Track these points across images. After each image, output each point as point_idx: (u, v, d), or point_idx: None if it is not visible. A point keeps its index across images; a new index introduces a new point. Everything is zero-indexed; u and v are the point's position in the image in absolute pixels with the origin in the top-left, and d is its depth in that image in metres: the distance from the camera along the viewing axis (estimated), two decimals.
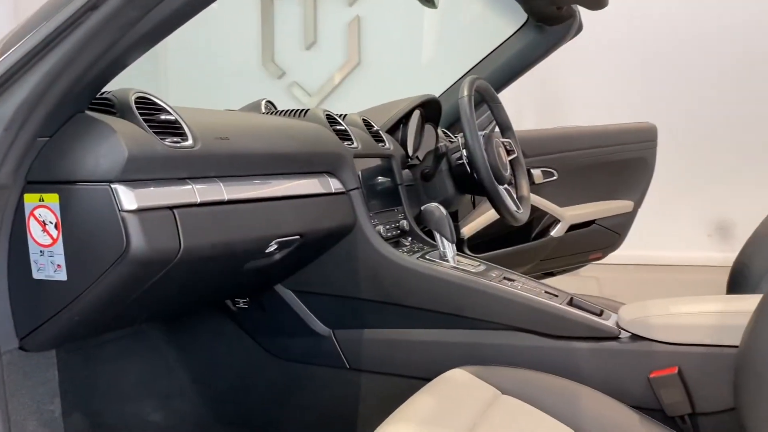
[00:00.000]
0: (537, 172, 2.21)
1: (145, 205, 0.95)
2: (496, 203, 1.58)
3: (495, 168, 1.58)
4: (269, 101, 1.67)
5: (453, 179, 1.69)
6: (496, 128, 1.78)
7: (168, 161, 1.01)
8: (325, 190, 1.35)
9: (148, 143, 0.98)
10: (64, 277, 0.97)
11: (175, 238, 0.99)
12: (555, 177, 2.25)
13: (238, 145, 1.16)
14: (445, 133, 2.10)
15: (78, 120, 0.97)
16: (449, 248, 1.42)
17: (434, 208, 1.45)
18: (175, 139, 1.03)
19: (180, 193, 1.02)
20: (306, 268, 1.41)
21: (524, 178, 1.77)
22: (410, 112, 1.83)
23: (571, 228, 2.27)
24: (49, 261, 0.97)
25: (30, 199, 0.97)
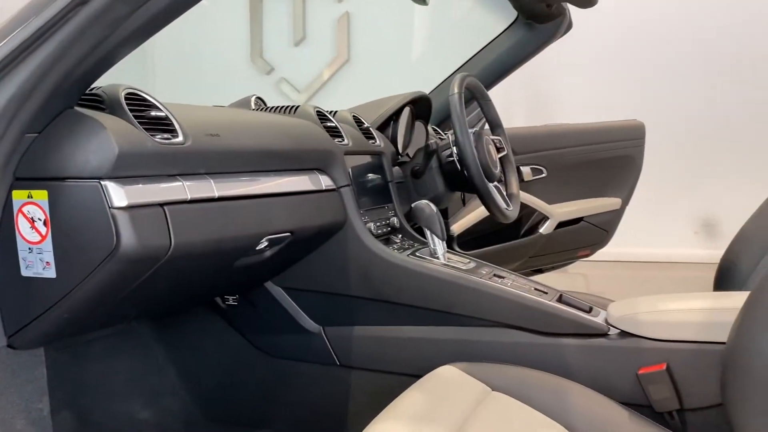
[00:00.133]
0: (526, 169, 2.22)
1: (135, 202, 0.95)
2: (486, 201, 1.59)
3: (485, 165, 1.58)
4: (259, 98, 1.66)
5: (443, 176, 1.69)
6: (486, 125, 1.79)
7: (158, 158, 1.00)
8: (316, 188, 1.35)
9: (139, 140, 0.98)
10: (53, 275, 0.96)
11: (166, 236, 0.98)
12: (544, 174, 2.26)
13: (228, 142, 1.16)
14: (435, 130, 2.10)
15: (67, 116, 0.96)
16: (440, 245, 1.42)
17: (425, 205, 1.45)
18: (166, 136, 1.03)
19: (170, 190, 1.01)
20: (296, 265, 1.41)
21: (514, 176, 1.77)
22: (400, 109, 1.83)
23: (560, 225, 2.28)
24: (37, 258, 0.96)
25: (18, 196, 0.96)
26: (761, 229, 1.54)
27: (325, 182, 1.37)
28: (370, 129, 1.67)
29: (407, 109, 1.86)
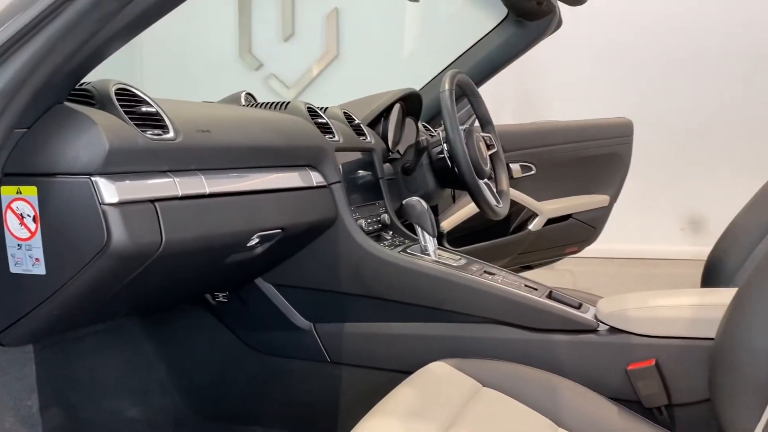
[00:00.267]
0: (516, 166, 2.23)
1: (126, 198, 0.94)
2: (477, 198, 1.59)
3: (476, 162, 1.58)
4: (249, 93, 1.65)
5: (434, 173, 1.70)
6: (476, 122, 1.79)
7: (149, 154, 1.00)
8: (307, 184, 1.34)
9: (129, 135, 0.97)
10: (43, 271, 0.95)
11: (157, 232, 0.98)
12: (533, 171, 2.27)
13: (219, 138, 1.15)
14: (425, 126, 2.10)
15: (57, 111, 0.95)
16: (430, 242, 1.42)
17: (416, 202, 1.45)
18: (156, 132, 1.02)
19: (161, 186, 1.01)
20: (287, 262, 1.41)
21: (504, 173, 1.78)
22: (391, 106, 1.83)
23: (549, 222, 2.29)
24: (27, 255, 0.95)
25: (7, 192, 0.95)
26: (748, 226, 1.56)
27: (316, 179, 1.37)
28: (361, 125, 1.67)
29: (398, 106, 1.86)
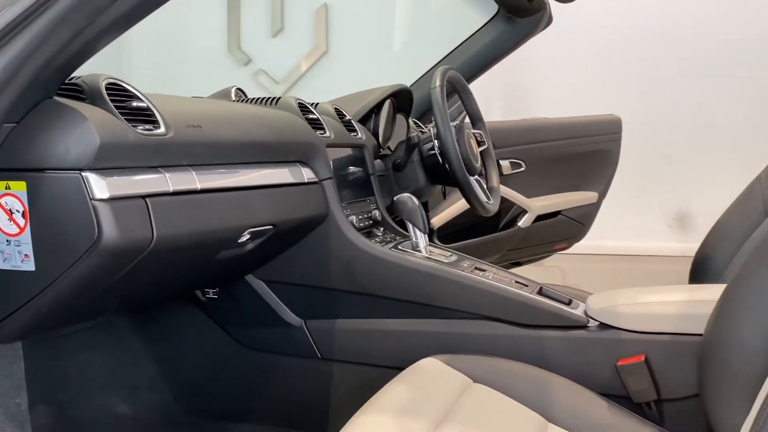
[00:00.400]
0: (505, 163, 2.23)
1: (117, 193, 0.93)
2: (468, 194, 1.60)
3: (466, 159, 1.59)
4: (239, 89, 1.64)
5: (424, 170, 1.70)
6: (466, 119, 1.79)
7: (140, 149, 0.99)
8: (298, 180, 1.34)
9: (120, 130, 0.96)
10: (32, 268, 0.94)
11: (148, 228, 0.97)
12: (523, 168, 2.28)
13: (210, 133, 1.15)
14: (416, 123, 2.10)
15: (47, 106, 0.94)
16: (421, 238, 1.42)
17: (407, 198, 1.45)
18: (147, 127, 1.01)
19: (152, 182, 1.00)
20: (278, 258, 1.40)
21: (494, 170, 1.78)
22: (382, 102, 1.83)
23: (538, 218, 2.30)
24: (16, 251, 0.95)
25: None
26: (735, 223, 1.58)
27: (307, 175, 1.37)
28: (352, 121, 1.67)
29: (389, 102, 1.85)
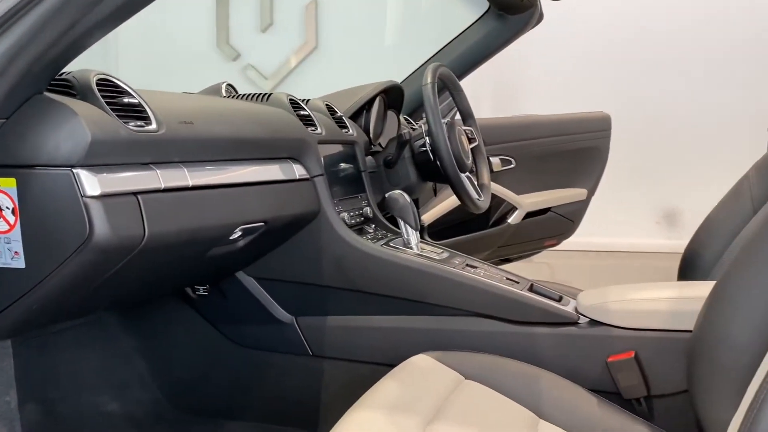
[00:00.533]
0: (496, 160, 2.24)
1: (108, 190, 0.93)
2: (459, 191, 1.60)
3: (458, 156, 1.59)
4: (230, 84, 1.64)
5: (416, 166, 1.70)
6: (457, 115, 1.80)
7: (131, 145, 0.98)
8: (289, 177, 1.34)
9: (111, 127, 0.95)
10: (22, 265, 0.93)
11: (140, 225, 0.97)
12: (513, 165, 2.29)
13: (202, 130, 1.14)
14: (407, 119, 2.10)
15: (37, 101, 0.93)
16: (413, 235, 1.42)
17: (398, 195, 1.45)
18: (139, 123, 1.01)
19: (144, 179, 0.99)
20: (269, 255, 1.40)
21: (485, 166, 1.79)
22: (373, 99, 1.83)
23: (528, 215, 2.31)
24: (6, 248, 0.94)
25: None
26: (725, 220, 1.59)
27: (298, 171, 1.36)
28: (343, 118, 1.67)
29: (379, 99, 1.85)
